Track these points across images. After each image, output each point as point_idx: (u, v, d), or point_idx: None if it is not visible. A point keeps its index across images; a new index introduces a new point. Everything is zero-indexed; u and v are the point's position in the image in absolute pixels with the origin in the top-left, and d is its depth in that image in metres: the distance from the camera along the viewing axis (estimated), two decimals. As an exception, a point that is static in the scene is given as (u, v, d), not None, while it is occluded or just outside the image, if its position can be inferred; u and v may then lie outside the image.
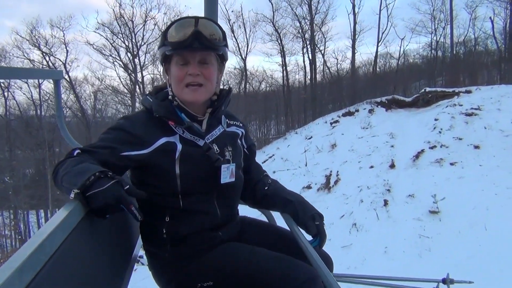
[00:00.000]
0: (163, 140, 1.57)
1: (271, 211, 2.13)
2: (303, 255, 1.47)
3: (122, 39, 29.84)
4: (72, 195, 1.22)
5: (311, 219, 1.72)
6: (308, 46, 26.31)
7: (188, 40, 1.52)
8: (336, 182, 12.13)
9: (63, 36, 30.97)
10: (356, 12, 25.82)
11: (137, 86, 30.37)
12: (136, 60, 30.27)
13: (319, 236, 1.70)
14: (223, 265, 1.60)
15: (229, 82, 29.88)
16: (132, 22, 29.85)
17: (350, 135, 14.67)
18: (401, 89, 25.21)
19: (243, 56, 30.10)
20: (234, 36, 30.08)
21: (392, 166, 11.77)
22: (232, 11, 30.06)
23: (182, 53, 1.57)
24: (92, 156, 1.45)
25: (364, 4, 53.22)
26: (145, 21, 30.11)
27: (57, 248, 0.98)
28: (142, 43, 30.42)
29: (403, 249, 8.26)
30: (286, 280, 1.47)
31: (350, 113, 16.57)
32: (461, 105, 13.92)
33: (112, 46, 30.03)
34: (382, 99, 16.76)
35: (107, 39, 29.64)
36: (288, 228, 1.73)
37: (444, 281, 2.71)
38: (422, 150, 12.02)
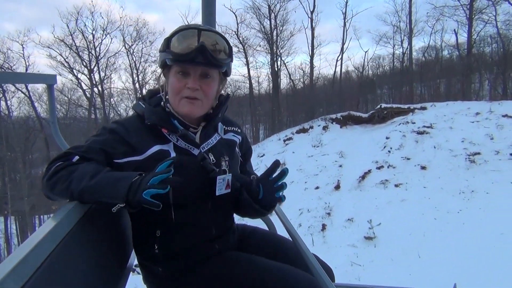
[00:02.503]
0: (156, 148, 1.53)
1: (271, 219, 2.16)
2: (304, 264, 1.46)
3: (76, 52, 29.32)
4: (114, 209, 1.28)
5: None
6: (270, 59, 26.35)
7: (191, 53, 1.47)
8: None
9: (22, 49, 30.44)
10: (313, 26, 26.00)
11: (96, 99, 29.85)
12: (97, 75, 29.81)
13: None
14: (221, 276, 1.58)
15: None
16: (93, 35, 29.44)
17: (301, 153, 14.57)
18: (364, 102, 25.50)
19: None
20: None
21: (337, 187, 11.67)
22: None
23: (183, 65, 1.53)
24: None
25: (329, 17, 54.12)
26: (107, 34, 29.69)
27: (46, 257, 0.98)
28: (101, 57, 30.02)
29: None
30: None
31: (304, 130, 16.53)
32: (414, 123, 14.02)
33: (66, 61, 29.48)
34: (337, 115, 16.80)
35: (60, 55, 29.10)
36: (289, 237, 1.67)
37: None
38: (369, 171, 11.98)
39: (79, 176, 1.33)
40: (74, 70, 29.38)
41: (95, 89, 30.07)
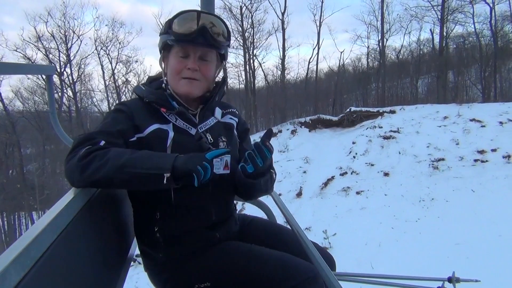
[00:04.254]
0: (155, 126, 1.59)
1: (270, 209, 2.18)
2: (304, 253, 1.46)
3: (46, 55, 28.80)
4: (165, 181, 1.32)
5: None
6: (243, 60, 26.23)
7: (193, 34, 1.56)
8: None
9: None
10: (284, 28, 25.93)
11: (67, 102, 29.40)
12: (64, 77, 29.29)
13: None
14: (221, 265, 1.60)
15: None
16: (65, 36, 28.92)
17: (266, 158, 14.50)
18: (339, 103, 25.60)
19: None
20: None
21: (299, 194, 11.66)
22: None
23: (184, 45, 1.61)
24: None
25: (303, 17, 54.50)
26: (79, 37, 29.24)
27: (47, 248, 0.99)
28: (72, 58, 29.54)
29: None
30: (286, 279, 1.50)
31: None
32: (381, 127, 14.08)
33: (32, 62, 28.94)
34: (306, 119, 16.81)
35: (29, 58, 28.52)
36: (288, 226, 1.70)
37: (449, 279, 2.67)
38: (332, 177, 11.99)
39: (117, 153, 1.37)
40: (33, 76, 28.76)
41: (70, 91, 29.51)
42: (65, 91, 29.67)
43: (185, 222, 1.63)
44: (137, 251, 1.88)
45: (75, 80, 29.67)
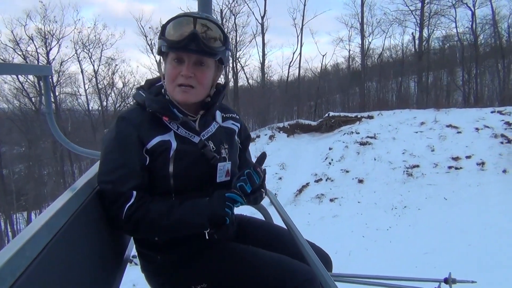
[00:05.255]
0: (157, 139, 1.57)
1: (267, 209, 2.20)
2: (301, 254, 1.47)
3: (23, 58, 28.30)
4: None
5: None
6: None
7: (184, 41, 1.52)
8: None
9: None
10: (264, 32, 25.86)
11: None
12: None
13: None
14: (218, 266, 1.62)
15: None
16: (45, 39, 28.51)
17: (242, 165, 14.48)
18: (323, 106, 25.63)
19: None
20: (153, 53, 29.79)
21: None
22: (150, 27, 29.57)
23: (177, 52, 1.57)
24: (145, 187, 1.54)
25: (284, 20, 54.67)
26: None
27: (42, 248, 0.99)
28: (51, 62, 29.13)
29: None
30: (283, 282, 1.52)
31: (251, 140, 16.41)
32: (358, 133, 14.11)
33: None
34: (284, 124, 16.79)
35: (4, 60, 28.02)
36: (285, 227, 1.71)
37: (446, 280, 2.66)
38: (307, 184, 11.98)
39: (158, 218, 1.46)
40: (20, 77, 28.36)
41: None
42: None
43: None
44: (134, 252, 1.89)
45: (55, 84, 29.28)
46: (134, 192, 1.50)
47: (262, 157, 1.61)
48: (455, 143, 12.80)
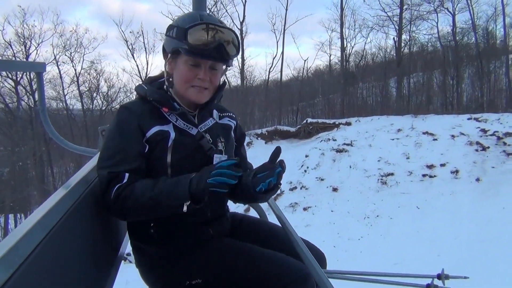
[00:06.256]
0: (156, 129, 1.63)
1: (262, 207, 2.23)
2: (295, 251, 1.51)
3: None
4: (185, 208, 1.47)
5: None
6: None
7: (209, 49, 1.60)
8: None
9: None
10: (243, 37, 25.72)
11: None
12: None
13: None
14: (213, 262, 1.64)
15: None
16: (24, 44, 28.11)
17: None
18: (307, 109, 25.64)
19: (143, 78, 29.58)
20: (134, 58, 29.74)
21: (247, 210, 11.52)
22: (131, 32, 29.49)
23: (197, 58, 1.64)
24: (140, 172, 1.58)
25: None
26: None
27: (36, 245, 0.99)
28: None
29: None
30: (277, 278, 1.54)
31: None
32: (335, 140, 14.13)
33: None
34: (262, 130, 16.78)
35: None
36: (279, 224, 1.76)
37: (439, 276, 2.70)
38: (282, 192, 11.94)
39: (141, 194, 1.49)
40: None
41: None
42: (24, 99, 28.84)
43: (181, 217, 1.64)
44: (128, 250, 1.92)
45: (34, 89, 28.91)
46: (127, 174, 1.55)
47: (277, 152, 1.62)
48: (430, 150, 12.87)
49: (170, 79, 1.76)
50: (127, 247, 1.98)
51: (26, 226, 1.01)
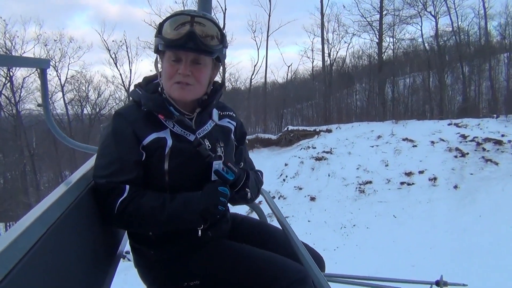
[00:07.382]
0: (152, 136, 1.60)
1: (262, 209, 2.26)
2: (295, 254, 1.52)
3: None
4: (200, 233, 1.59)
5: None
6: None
7: (181, 39, 1.54)
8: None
9: None
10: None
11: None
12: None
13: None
14: (211, 263, 1.64)
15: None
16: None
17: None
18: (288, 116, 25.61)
19: (126, 87, 29.53)
20: (117, 67, 29.66)
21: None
22: (113, 41, 29.44)
23: (174, 51, 1.60)
24: (139, 181, 1.56)
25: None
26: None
27: (36, 242, 1.00)
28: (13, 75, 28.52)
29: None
30: (276, 280, 1.54)
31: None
32: (315, 148, 14.09)
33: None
34: (243, 138, 16.69)
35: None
36: (279, 227, 1.77)
37: (437, 283, 2.75)
38: (260, 202, 11.82)
39: (151, 212, 1.49)
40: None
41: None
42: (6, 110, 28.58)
43: None
44: (127, 248, 1.92)
45: (17, 100, 28.65)
46: (127, 187, 1.54)
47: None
48: (409, 157, 12.87)
49: (161, 79, 1.73)
50: (126, 245, 2.00)
51: (26, 221, 1.02)
